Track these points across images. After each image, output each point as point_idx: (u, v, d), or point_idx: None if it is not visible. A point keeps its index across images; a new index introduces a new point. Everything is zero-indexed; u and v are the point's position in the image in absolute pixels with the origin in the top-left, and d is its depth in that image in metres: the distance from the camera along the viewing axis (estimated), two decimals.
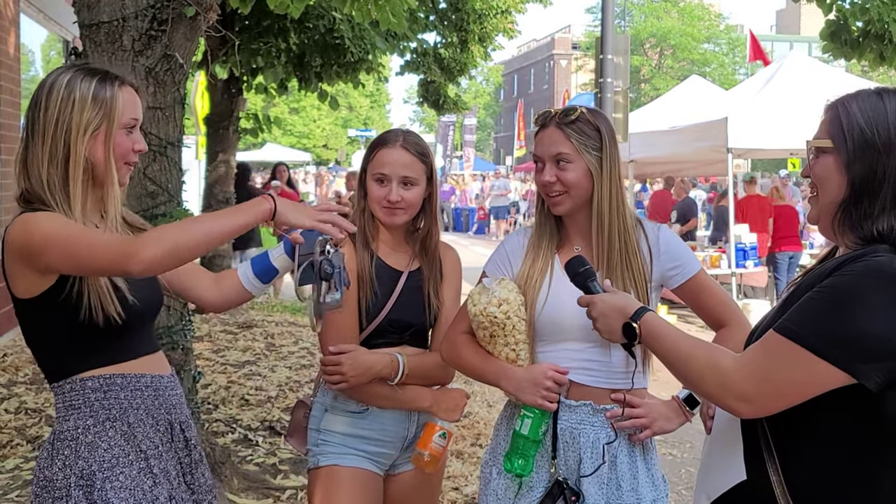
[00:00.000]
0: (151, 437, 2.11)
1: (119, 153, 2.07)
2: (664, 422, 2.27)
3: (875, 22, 6.53)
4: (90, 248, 1.91)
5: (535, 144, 2.34)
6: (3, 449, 4.92)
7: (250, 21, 7.82)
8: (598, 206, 2.27)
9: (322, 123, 44.55)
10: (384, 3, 4.28)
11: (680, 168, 13.92)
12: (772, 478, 1.63)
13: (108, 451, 2.04)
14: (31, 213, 2.00)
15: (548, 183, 2.28)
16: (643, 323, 1.82)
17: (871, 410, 1.55)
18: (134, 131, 2.11)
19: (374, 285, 2.50)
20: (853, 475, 1.60)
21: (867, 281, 1.53)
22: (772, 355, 1.58)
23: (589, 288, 2.02)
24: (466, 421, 5.77)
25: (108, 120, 2.04)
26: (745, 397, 1.59)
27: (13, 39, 8.14)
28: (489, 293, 2.25)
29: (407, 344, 2.55)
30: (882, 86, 1.72)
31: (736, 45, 49.35)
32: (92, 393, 2.06)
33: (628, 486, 2.23)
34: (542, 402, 2.20)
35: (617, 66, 10.16)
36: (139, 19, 3.69)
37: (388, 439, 2.54)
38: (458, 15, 10.98)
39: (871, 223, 1.62)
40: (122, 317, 2.02)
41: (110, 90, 2.05)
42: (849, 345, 1.52)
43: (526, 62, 61.76)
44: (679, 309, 10.68)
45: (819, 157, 1.69)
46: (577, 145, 2.25)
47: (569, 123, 2.27)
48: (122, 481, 2.02)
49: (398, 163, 2.49)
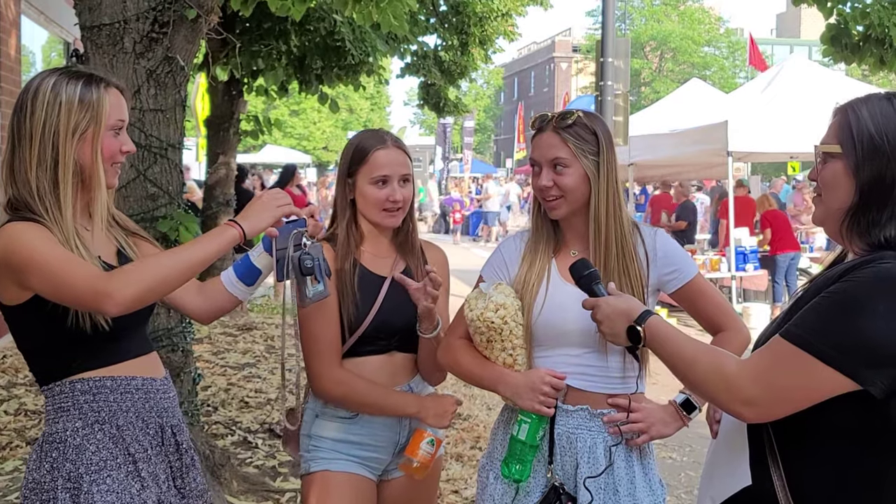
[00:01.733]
0: (140, 441, 2.10)
1: (107, 155, 2.07)
2: (661, 426, 2.26)
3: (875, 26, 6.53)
4: (70, 280, 1.91)
5: (533, 148, 2.33)
6: (3, 451, 4.91)
7: (251, 23, 7.83)
8: (595, 210, 2.26)
9: (322, 126, 44.53)
10: (385, 6, 4.28)
11: (680, 171, 13.93)
12: (776, 483, 1.63)
13: (96, 453, 2.03)
14: (17, 225, 1.98)
15: (545, 187, 2.27)
16: (647, 326, 1.82)
17: (876, 417, 1.55)
18: (121, 133, 2.10)
19: (356, 296, 2.44)
20: (856, 481, 1.59)
21: (874, 287, 1.53)
22: (777, 360, 1.58)
23: (594, 291, 2.02)
24: (466, 424, 5.77)
25: (94, 122, 2.03)
26: (750, 401, 1.59)
27: (14, 41, 8.15)
28: (486, 298, 2.25)
29: (395, 350, 2.50)
30: (893, 91, 1.71)
31: (736, 48, 49.40)
32: (81, 395, 2.05)
33: (625, 490, 2.23)
34: (540, 408, 2.20)
35: (617, 69, 10.17)
36: (140, 21, 3.69)
37: (380, 444, 2.50)
38: (458, 18, 11.00)
39: (878, 230, 1.61)
40: (108, 323, 2.01)
41: (96, 92, 2.04)
42: (855, 351, 1.51)
43: (526, 65, 61.83)
44: (679, 312, 10.67)
45: (827, 162, 1.68)
46: (575, 150, 2.24)
47: (566, 128, 2.25)
48: (108, 484, 2.01)
49: (396, 162, 2.47)
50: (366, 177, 2.46)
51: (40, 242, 1.94)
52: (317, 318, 2.43)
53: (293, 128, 43.37)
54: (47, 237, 1.96)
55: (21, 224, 1.98)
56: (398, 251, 2.56)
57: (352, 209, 2.51)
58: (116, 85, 2.12)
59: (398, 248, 2.56)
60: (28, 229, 1.96)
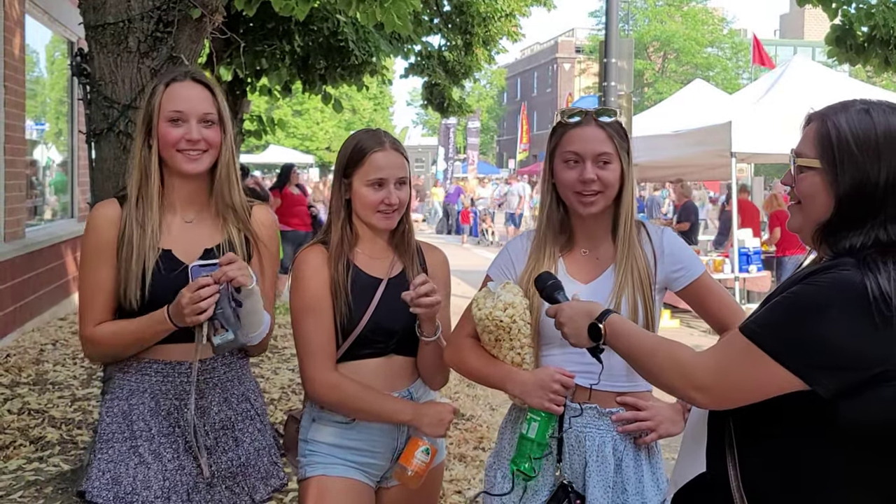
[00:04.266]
0: (147, 420, 2.24)
1: (165, 143, 2.25)
2: (669, 425, 2.27)
3: (880, 27, 6.53)
4: (80, 307, 2.28)
5: (572, 141, 2.26)
6: (7, 450, 4.92)
7: (255, 23, 7.84)
8: (626, 206, 2.30)
9: (325, 126, 44.57)
10: (389, 6, 4.28)
11: (683, 172, 13.90)
12: (729, 472, 1.70)
13: (110, 425, 2.26)
14: (95, 211, 2.31)
15: (588, 180, 2.23)
16: (608, 324, 1.89)
17: (824, 416, 1.59)
18: (182, 124, 2.25)
19: (349, 298, 2.40)
20: (804, 477, 1.64)
21: (831, 292, 1.57)
22: (732, 352, 1.65)
23: (556, 299, 2.08)
24: (469, 424, 5.77)
25: (154, 115, 2.25)
26: (702, 388, 1.67)
27: (18, 40, 8.16)
28: (494, 297, 2.25)
29: (393, 353, 2.46)
30: (869, 100, 1.71)
31: (739, 49, 49.36)
32: (117, 371, 2.33)
33: (633, 489, 2.23)
34: (550, 406, 2.19)
35: (620, 69, 10.16)
36: (145, 21, 3.70)
37: (377, 450, 2.47)
38: (462, 18, 11.01)
39: (846, 240, 1.65)
40: (137, 304, 2.22)
41: (160, 88, 2.27)
42: (804, 352, 1.56)
43: (529, 65, 61.81)
44: (682, 313, 10.68)
45: (805, 174, 1.70)
46: (618, 145, 2.27)
47: (609, 124, 2.28)
48: (110, 455, 2.24)
49: (394, 165, 2.45)
50: (362, 178, 2.43)
51: (88, 253, 2.28)
52: (309, 320, 2.41)
53: (296, 128, 43.43)
54: (95, 243, 2.27)
55: (90, 221, 2.29)
56: (395, 252, 2.53)
57: (346, 210, 2.48)
58: (197, 78, 2.32)
59: (395, 248, 2.54)
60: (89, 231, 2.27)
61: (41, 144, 9.99)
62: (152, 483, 2.19)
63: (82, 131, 4.06)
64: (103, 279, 2.25)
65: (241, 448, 2.33)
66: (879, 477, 1.62)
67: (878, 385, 1.55)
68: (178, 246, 2.28)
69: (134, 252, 2.22)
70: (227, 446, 2.31)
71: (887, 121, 1.64)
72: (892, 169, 1.61)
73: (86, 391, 6.11)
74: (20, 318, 8.02)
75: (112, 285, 2.25)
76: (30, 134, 9.00)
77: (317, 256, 2.45)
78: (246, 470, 2.33)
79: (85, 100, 3.89)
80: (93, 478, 2.22)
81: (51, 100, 10.53)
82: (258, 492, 2.35)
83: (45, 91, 10.26)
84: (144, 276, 2.22)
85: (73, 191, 10.71)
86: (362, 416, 2.42)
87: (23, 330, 8.07)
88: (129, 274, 2.22)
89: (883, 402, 1.55)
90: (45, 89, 10.31)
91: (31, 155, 9.11)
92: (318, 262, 2.43)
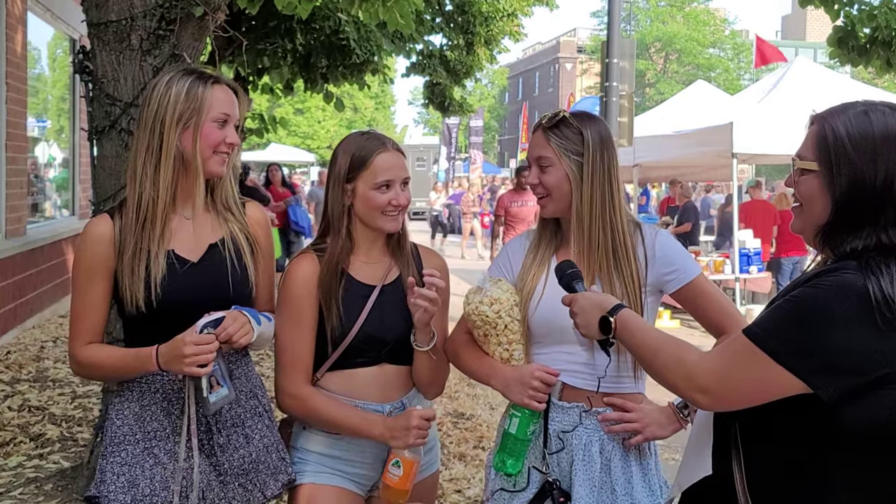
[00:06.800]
0: (160, 419, 2.24)
1: (206, 143, 2.26)
2: (657, 428, 2.26)
3: (882, 28, 6.53)
4: (71, 318, 2.30)
5: (529, 147, 2.41)
6: (7, 446, 4.92)
7: (257, 21, 7.84)
8: (577, 210, 2.28)
9: (327, 124, 44.59)
10: (392, 5, 4.29)
11: (684, 173, 13.91)
12: (735, 476, 1.70)
13: (120, 427, 2.24)
14: (87, 228, 2.28)
15: (532, 185, 2.35)
16: (619, 318, 1.90)
17: (828, 419, 1.59)
18: (226, 126, 2.30)
19: (340, 310, 2.36)
20: (808, 483, 1.63)
21: (834, 296, 1.56)
22: (735, 354, 1.65)
23: (574, 289, 2.08)
24: (469, 423, 5.77)
25: (197, 113, 2.25)
26: (704, 390, 1.67)
27: (20, 37, 8.16)
28: (482, 292, 2.27)
29: (385, 362, 2.41)
30: (871, 101, 1.70)
31: (741, 50, 49.37)
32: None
33: (622, 490, 2.23)
34: (529, 402, 2.21)
35: (622, 69, 10.15)
36: (147, 18, 3.70)
37: (366, 461, 2.43)
38: (464, 17, 11.01)
39: (847, 243, 1.65)
40: (145, 307, 2.21)
41: (202, 87, 2.26)
42: (807, 355, 1.56)
43: (531, 65, 61.82)
44: (682, 314, 10.67)
45: (805, 177, 1.71)
46: (558, 149, 2.28)
47: (551, 128, 2.30)
48: (122, 458, 2.22)
49: (398, 166, 2.43)
50: (368, 182, 2.39)
51: (81, 271, 2.26)
52: (289, 329, 2.38)
53: (298, 126, 43.47)
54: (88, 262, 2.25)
55: (86, 232, 2.27)
56: (391, 256, 2.50)
57: (348, 216, 2.43)
58: (228, 83, 2.35)
59: (391, 253, 2.50)
60: (84, 243, 2.24)
61: (43, 142, 10.00)
62: (170, 483, 2.19)
63: (84, 129, 4.07)
64: (94, 297, 2.24)
65: (251, 445, 2.33)
66: (883, 479, 1.61)
67: (880, 388, 1.55)
68: (180, 245, 2.28)
69: (139, 256, 2.21)
70: (239, 443, 2.31)
71: (886, 122, 1.64)
72: (889, 170, 1.61)
73: (86, 388, 6.11)
74: (21, 315, 8.03)
75: (103, 303, 2.26)
76: (31, 131, 9.01)
77: (307, 266, 2.41)
78: (257, 466, 2.33)
79: (87, 97, 3.89)
80: (107, 482, 2.19)
81: (53, 97, 10.53)
82: (269, 488, 2.35)
83: (46, 88, 10.26)
84: (152, 278, 2.21)
85: (74, 188, 10.72)
86: (335, 430, 2.39)
87: (23, 327, 8.08)
88: (134, 279, 2.20)
89: (886, 405, 1.55)
90: (47, 87, 10.32)
91: (32, 152, 9.12)
92: (308, 273, 2.39)
